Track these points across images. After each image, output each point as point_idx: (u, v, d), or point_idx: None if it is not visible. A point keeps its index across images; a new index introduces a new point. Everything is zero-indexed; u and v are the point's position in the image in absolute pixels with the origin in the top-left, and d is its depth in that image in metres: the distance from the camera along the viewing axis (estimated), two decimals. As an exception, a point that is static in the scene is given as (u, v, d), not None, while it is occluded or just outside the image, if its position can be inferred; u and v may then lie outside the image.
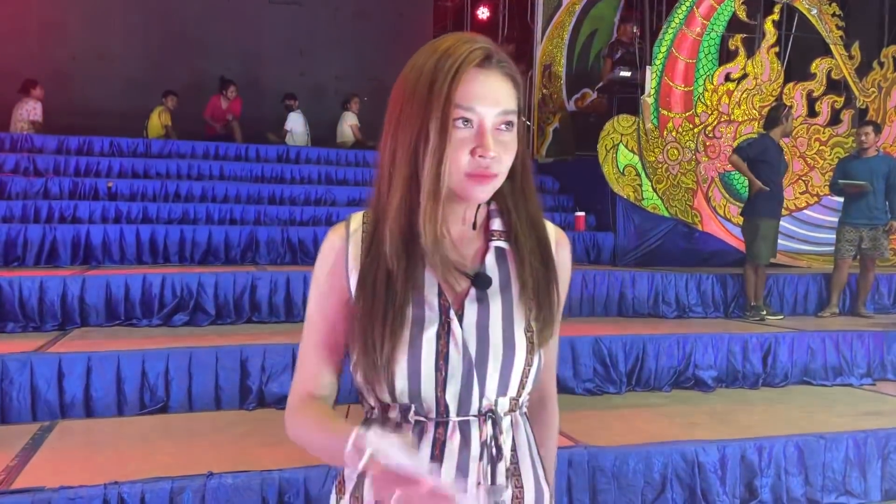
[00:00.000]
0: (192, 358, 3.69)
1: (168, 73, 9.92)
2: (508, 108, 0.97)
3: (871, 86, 7.53)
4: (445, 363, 0.98)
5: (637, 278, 5.74)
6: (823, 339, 4.87)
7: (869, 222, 5.86)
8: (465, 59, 0.94)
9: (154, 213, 6.25)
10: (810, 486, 3.39)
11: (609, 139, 6.69)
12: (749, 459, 3.32)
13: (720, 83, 7.01)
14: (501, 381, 1.01)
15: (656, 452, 3.20)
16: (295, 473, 2.74)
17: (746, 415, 3.93)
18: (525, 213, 1.05)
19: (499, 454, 1.00)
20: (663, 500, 3.15)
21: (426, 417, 1.00)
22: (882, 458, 3.52)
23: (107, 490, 2.53)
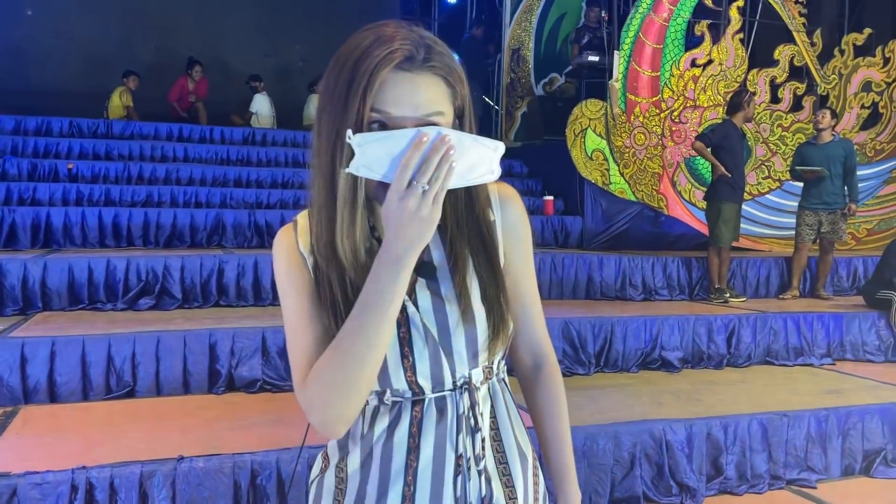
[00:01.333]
0: (159, 342, 3.64)
1: (129, 53, 9.70)
2: (433, 110, 0.92)
3: (832, 73, 7.67)
4: (410, 349, 0.98)
5: (605, 261, 5.80)
6: (785, 321, 4.98)
7: (827, 206, 6.00)
8: (382, 61, 0.89)
9: (117, 195, 6.12)
10: (773, 462, 3.48)
11: (577, 124, 6.73)
12: (715, 437, 3.39)
13: (686, 69, 7.08)
14: (470, 353, 1.00)
15: (625, 432, 3.25)
16: (267, 456, 2.72)
17: (712, 394, 4.01)
18: (459, 190, 1.00)
19: (476, 425, 1.01)
20: (632, 479, 3.21)
21: (402, 398, 1.00)
22: (842, 435, 3.63)
23: (74, 475, 2.49)
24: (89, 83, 9.39)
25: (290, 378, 3.70)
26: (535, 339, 1.14)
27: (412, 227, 0.84)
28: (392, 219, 0.85)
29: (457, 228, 1.01)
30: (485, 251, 1.02)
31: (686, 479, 3.27)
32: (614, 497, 3.20)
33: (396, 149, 0.85)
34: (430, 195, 0.84)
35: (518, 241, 1.09)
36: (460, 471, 0.99)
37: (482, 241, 1.03)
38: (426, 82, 0.92)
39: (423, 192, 0.83)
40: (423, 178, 0.83)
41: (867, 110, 7.82)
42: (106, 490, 2.52)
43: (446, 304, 1.00)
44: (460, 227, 1.01)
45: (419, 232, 0.85)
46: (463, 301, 0.99)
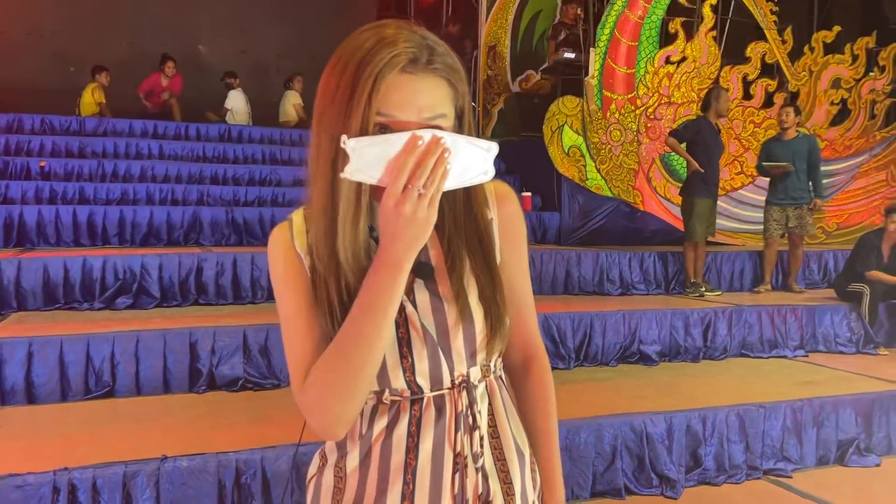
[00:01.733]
0: (138, 341, 3.61)
1: (101, 48, 9.55)
2: (435, 113, 0.92)
3: (803, 69, 7.81)
4: (409, 349, 0.99)
5: (582, 257, 5.85)
6: (759, 314, 5.07)
7: (793, 202, 6.11)
8: (387, 65, 0.88)
9: (91, 193, 6.04)
10: (751, 453, 3.55)
11: (554, 120, 6.77)
12: (694, 429, 3.45)
13: (661, 66, 7.16)
14: (468, 352, 1.01)
15: (606, 425, 3.29)
16: (252, 454, 2.72)
17: (690, 387, 4.07)
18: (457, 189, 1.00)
19: (474, 423, 1.02)
20: (613, 471, 3.25)
21: (401, 397, 1.01)
22: (816, 425, 3.71)
23: (56, 476, 2.46)
24: (60, 79, 9.24)
25: (271, 376, 3.71)
26: (526, 336, 1.15)
27: (409, 229, 0.85)
28: (389, 222, 0.86)
29: (454, 228, 1.02)
30: (482, 251, 1.03)
31: (666, 470, 3.33)
32: (596, 489, 3.24)
33: (391, 152, 0.85)
34: (426, 198, 0.85)
35: (514, 239, 1.10)
36: (458, 468, 1.00)
37: (479, 240, 1.03)
38: (429, 85, 0.92)
39: (419, 194, 0.84)
40: (418, 181, 0.84)
41: (836, 107, 7.98)
42: (88, 491, 2.50)
43: (444, 304, 1.00)
44: (458, 228, 1.02)
45: (416, 234, 0.86)
46: (460, 301, 1.00)
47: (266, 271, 4.80)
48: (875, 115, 8.09)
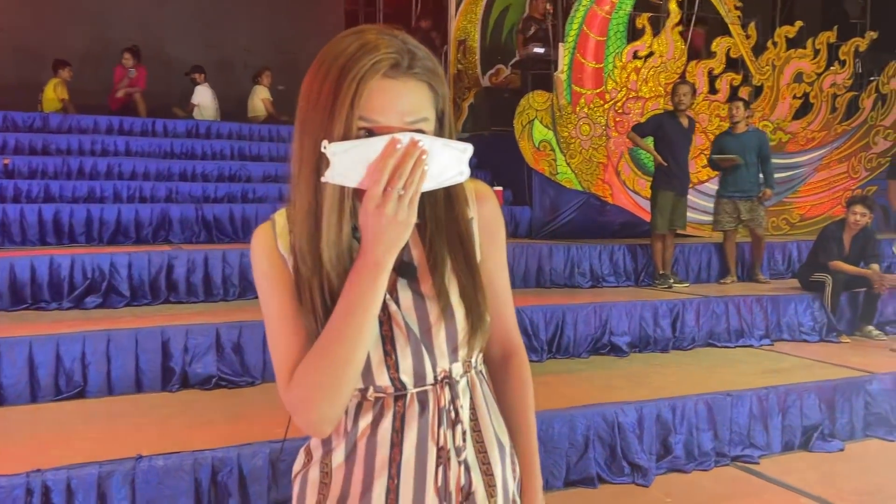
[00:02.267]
0: (109, 340, 3.57)
1: (62, 43, 9.36)
2: (418, 117, 0.94)
3: (766, 64, 7.95)
4: (393, 346, 1.01)
5: (553, 250, 5.91)
6: (726, 305, 5.18)
7: (743, 194, 6.24)
8: (370, 70, 0.90)
9: (57, 191, 5.94)
10: (719, 440, 3.63)
11: (525, 115, 6.81)
12: (664, 418, 3.53)
13: (628, 60, 7.24)
14: (450, 349, 1.04)
15: (579, 415, 3.35)
16: (228, 452, 2.72)
17: (659, 377, 4.15)
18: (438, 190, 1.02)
19: (457, 417, 1.04)
20: (586, 460, 3.31)
21: (385, 394, 1.03)
22: (781, 412, 3.81)
23: (30, 478, 2.44)
24: (21, 74, 9.04)
25: (245, 374, 3.71)
26: (505, 333, 1.18)
27: (390, 231, 0.88)
28: (370, 224, 0.88)
29: (435, 228, 1.04)
30: (463, 250, 1.05)
31: (637, 458, 3.39)
32: (569, 479, 3.29)
33: (371, 156, 0.88)
34: (406, 199, 0.87)
35: (493, 237, 1.12)
36: (441, 462, 1.03)
37: (460, 240, 1.05)
38: (411, 89, 0.94)
39: (399, 196, 0.87)
40: (397, 182, 0.86)
41: (799, 100, 8.14)
42: (63, 493, 2.48)
43: (427, 302, 1.02)
44: (439, 228, 1.04)
45: (397, 235, 0.89)
46: (442, 299, 1.02)
47: (238, 268, 4.79)
48: (836, 109, 8.27)
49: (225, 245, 5.46)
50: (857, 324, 5.58)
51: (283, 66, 10.18)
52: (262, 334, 3.81)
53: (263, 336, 3.76)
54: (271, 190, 6.74)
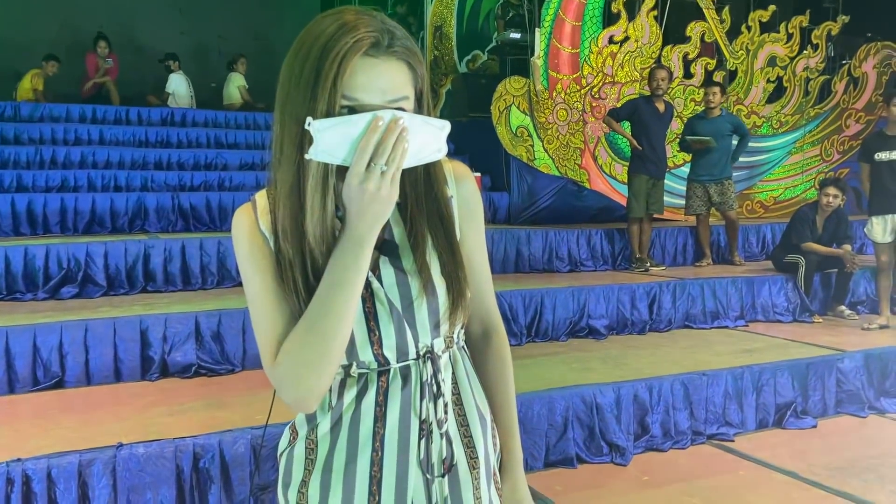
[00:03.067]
0: (87, 330, 3.55)
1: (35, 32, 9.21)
2: (398, 95, 0.95)
3: (740, 48, 8.02)
4: (376, 323, 1.03)
5: (532, 236, 5.95)
6: (702, 287, 5.26)
7: (712, 177, 6.32)
8: (351, 49, 0.91)
9: (29, 181, 5.87)
10: (695, 419, 3.70)
11: (502, 101, 6.82)
12: (641, 398, 3.58)
13: (604, 45, 7.27)
14: (432, 324, 1.06)
15: (558, 397, 3.39)
16: (209, 439, 2.72)
17: (636, 358, 4.21)
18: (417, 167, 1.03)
19: (438, 391, 1.07)
20: (566, 441, 3.36)
21: (368, 369, 1.05)
22: (756, 390, 3.88)
23: (9, 468, 2.43)
24: (-7, 63, 8.90)
25: (225, 361, 3.70)
26: (485, 310, 1.20)
27: (373, 207, 0.90)
28: (353, 200, 0.90)
29: (416, 206, 1.05)
30: (443, 227, 1.07)
31: (616, 438, 3.45)
32: (549, 459, 3.34)
33: (354, 133, 0.89)
34: (388, 175, 0.89)
35: (472, 216, 1.14)
36: (423, 435, 1.05)
37: (440, 217, 1.07)
38: (391, 68, 0.95)
39: (382, 172, 0.88)
40: (380, 159, 0.88)
41: (772, 84, 8.23)
42: (43, 481, 2.47)
43: (409, 278, 1.04)
44: (419, 205, 1.06)
45: (379, 211, 0.91)
46: (424, 275, 1.04)
47: (216, 257, 4.77)
48: (809, 92, 8.38)
49: (202, 234, 5.43)
50: (829, 304, 5.69)
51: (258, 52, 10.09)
52: (242, 322, 3.81)
53: (243, 324, 3.79)
54: (248, 178, 6.71)
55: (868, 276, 5.86)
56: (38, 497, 2.45)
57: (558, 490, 3.10)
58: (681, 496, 3.06)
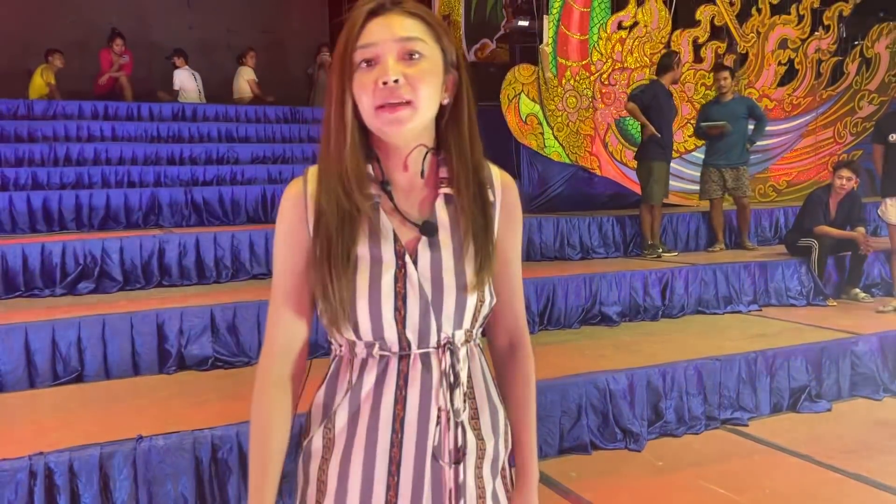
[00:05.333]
0: (105, 325, 3.60)
1: (47, 29, 9.27)
2: (409, 34, 1.01)
3: (751, 31, 7.95)
4: (404, 304, 1.05)
5: (543, 223, 5.95)
6: (714, 272, 5.24)
7: (728, 162, 6.29)
8: (359, 11, 1.02)
9: (44, 178, 5.92)
10: (709, 404, 3.71)
11: (511, 89, 6.81)
12: (654, 384, 3.59)
13: (613, 31, 7.23)
14: (457, 317, 1.08)
15: (571, 384, 3.41)
16: (227, 430, 2.76)
17: (649, 345, 4.21)
18: (469, 159, 1.11)
19: (456, 381, 1.08)
20: (579, 428, 3.38)
21: (390, 352, 1.07)
22: (770, 375, 3.88)
23: (32, 461, 2.48)
24: (4, 62, 8.95)
25: (241, 354, 3.74)
26: (513, 321, 1.22)
27: None
28: None
29: (462, 199, 1.09)
30: (484, 226, 1.10)
31: (629, 424, 3.46)
32: (563, 446, 3.36)
33: None
34: None
35: (513, 225, 1.17)
36: (439, 422, 1.07)
37: (484, 216, 1.10)
38: (399, 19, 1.03)
39: None
40: None
41: (784, 67, 8.16)
42: (65, 474, 2.52)
43: (443, 268, 1.07)
44: (465, 197, 1.09)
45: None
46: (458, 266, 1.07)
47: (230, 250, 4.82)
48: (821, 74, 8.30)
49: (216, 228, 5.48)
50: (843, 287, 5.66)
51: (266, 46, 10.11)
52: (257, 315, 3.85)
53: (258, 317, 3.83)
54: (260, 171, 6.74)
55: (882, 259, 5.83)
56: (61, 490, 2.50)
57: (573, 476, 3.12)
58: (696, 481, 3.07)
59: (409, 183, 1.10)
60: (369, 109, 1.01)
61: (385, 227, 1.07)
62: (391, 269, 1.05)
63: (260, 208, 6.08)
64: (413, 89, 1.00)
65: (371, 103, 1.01)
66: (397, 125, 1.01)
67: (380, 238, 1.06)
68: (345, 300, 1.03)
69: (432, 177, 1.12)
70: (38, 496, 2.47)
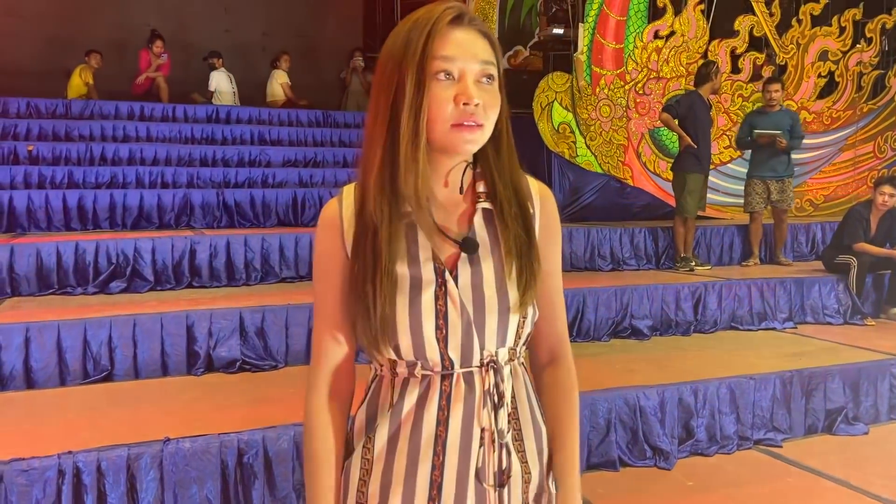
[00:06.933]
0: (135, 325, 3.62)
1: (86, 30, 9.44)
2: (488, 58, 1.01)
3: (790, 42, 7.82)
4: (445, 322, 1.02)
5: (574, 233, 5.88)
6: (749, 287, 5.14)
7: (775, 174, 6.16)
8: (438, 18, 0.99)
9: (80, 177, 6.01)
10: (741, 424, 3.62)
11: (544, 97, 6.77)
12: (686, 402, 3.51)
13: (649, 40, 7.16)
14: (500, 335, 1.05)
15: (600, 399, 3.35)
16: (253, 434, 2.75)
17: (681, 360, 4.13)
18: (508, 174, 1.09)
19: (500, 401, 1.05)
20: (608, 444, 3.31)
21: (432, 371, 1.04)
22: (805, 395, 3.78)
23: (61, 460, 2.49)
24: (44, 61, 9.13)
25: (268, 357, 3.75)
26: (555, 336, 1.18)
27: None
28: None
29: (505, 218, 1.07)
30: (527, 240, 1.08)
31: (659, 442, 3.39)
32: (591, 462, 3.30)
33: None
34: None
35: (552, 237, 1.15)
36: (482, 443, 1.04)
37: (527, 233, 1.08)
38: (478, 37, 1.02)
39: None
40: None
41: (824, 79, 8.01)
42: (93, 474, 2.52)
43: (484, 285, 1.04)
44: (507, 214, 1.07)
45: None
46: (500, 284, 1.04)
47: (260, 253, 4.84)
48: (862, 87, 8.13)
49: (246, 230, 5.50)
50: (882, 306, 5.52)
51: (301, 50, 10.17)
52: (285, 319, 3.85)
53: (286, 321, 3.83)
54: (291, 174, 6.77)
55: (924, 278, 5.67)
56: (88, 489, 2.51)
57: (600, 493, 3.06)
58: (727, 503, 2.99)
59: (447, 198, 1.08)
60: (444, 125, 1.00)
61: (424, 244, 1.04)
62: (431, 287, 1.02)
63: (290, 211, 6.10)
64: (486, 114, 1.01)
65: (447, 119, 0.99)
66: (471, 145, 1.02)
67: (419, 256, 1.04)
68: (385, 320, 1.01)
69: (470, 192, 1.09)
70: (66, 495, 2.48)
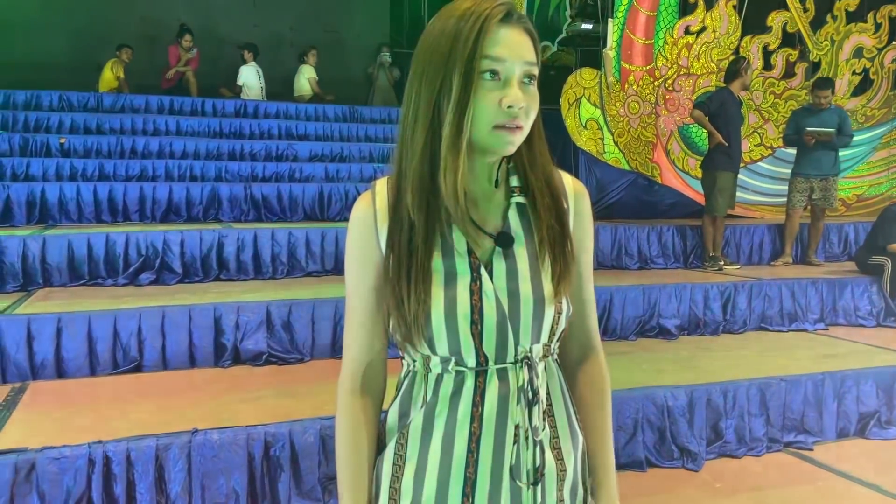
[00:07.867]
0: (164, 316, 3.65)
1: (117, 24, 9.55)
2: (533, 60, 1.00)
3: (824, 39, 7.68)
4: (480, 317, 1.01)
5: (600, 231, 5.83)
6: (779, 287, 5.06)
7: (820, 173, 6.04)
8: (490, 14, 0.97)
9: (111, 170, 6.09)
10: (771, 426, 3.56)
11: (572, 93, 6.71)
12: (715, 402, 3.47)
13: (680, 36, 7.06)
14: (534, 330, 1.04)
15: (628, 398, 3.31)
16: (280, 427, 2.77)
17: (709, 360, 4.08)
18: (541, 169, 1.08)
19: (534, 398, 1.03)
20: (635, 444, 3.28)
21: (466, 367, 1.03)
22: (837, 398, 3.71)
23: (91, 449, 2.52)
24: (76, 55, 9.26)
25: (294, 351, 3.76)
26: (586, 333, 1.17)
27: None
28: None
29: (539, 209, 1.06)
30: (562, 235, 1.07)
31: (687, 443, 3.35)
32: (618, 462, 3.21)
33: None
34: None
35: (585, 234, 1.14)
36: (517, 440, 1.03)
37: (561, 225, 1.07)
38: (525, 38, 1.01)
39: None
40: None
41: (858, 76, 7.85)
42: (122, 463, 2.56)
43: (519, 279, 1.03)
44: (540, 205, 1.06)
45: None
46: (535, 278, 1.03)
47: (286, 247, 4.86)
48: (897, 85, 7.96)
49: (273, 224, 5.53)
50: (916, 309, 5.40)
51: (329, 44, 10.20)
52: (311, 312, 3.87)
53: (312, 314, 3.84)
54: (317, 169, 6.79)
55: (960, 281, 5.53)
56: (118, 479, 2.54)
57: (627, 494, 3.02)
58: (756, 506, 2.95)
59: (482, 193, 1.07)
60: (487, 125, 0.98)
61: (459, 238, 1.03)
62: (466, 280, 1.01)
63: (317, 206, 6.12)
64: (527, 116, 1.00)
65: (491, 120, 0.98)
66: (511, 146, 1.01)
67: (454, 250, 1.03)
68: (419, 315, 1.00)
69: (503, 186, 1.09)
70: (96, 483, 2.51)
